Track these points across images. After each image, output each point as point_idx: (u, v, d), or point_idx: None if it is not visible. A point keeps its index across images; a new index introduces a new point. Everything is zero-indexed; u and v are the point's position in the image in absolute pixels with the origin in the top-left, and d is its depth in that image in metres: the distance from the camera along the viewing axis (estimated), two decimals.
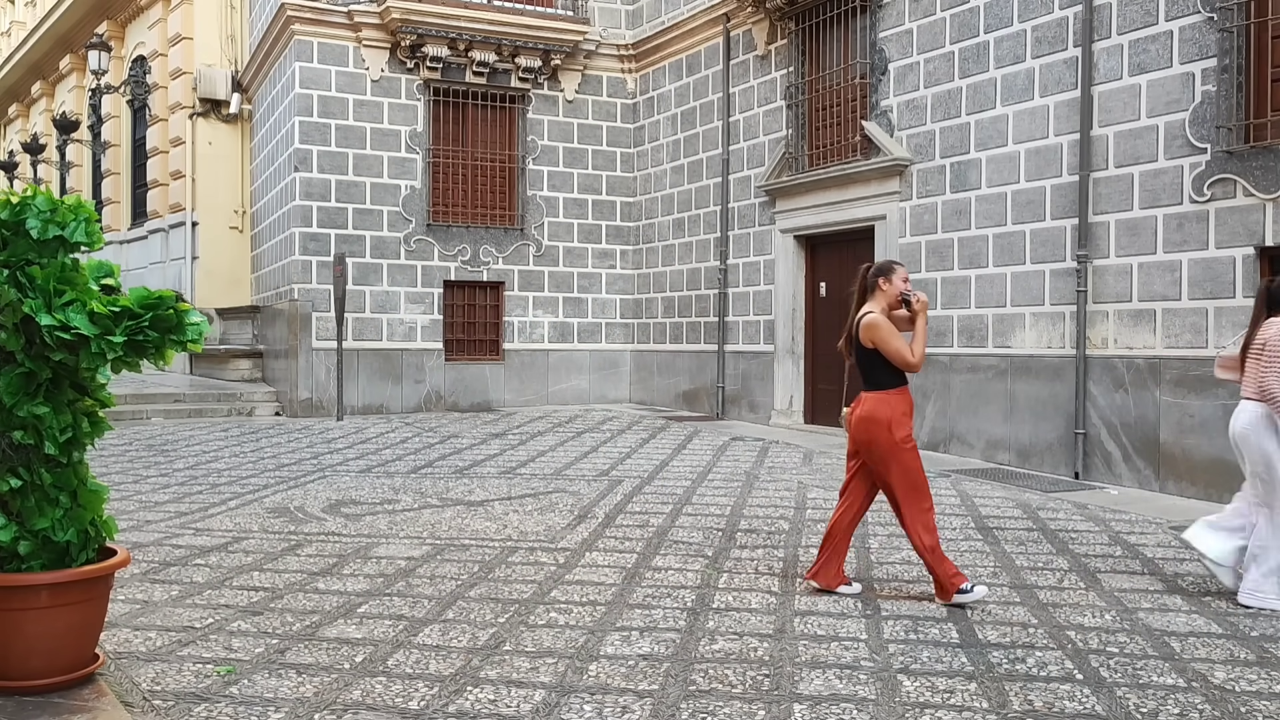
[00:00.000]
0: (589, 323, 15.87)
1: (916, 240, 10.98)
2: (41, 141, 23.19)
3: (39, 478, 3.80)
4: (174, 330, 3.81)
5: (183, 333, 3.83)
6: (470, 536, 6.81)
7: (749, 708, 3.80)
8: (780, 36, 12.96)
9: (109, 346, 3.67)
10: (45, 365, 3.77)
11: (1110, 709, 3.81)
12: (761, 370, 13.32)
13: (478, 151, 15.19)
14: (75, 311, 3.66)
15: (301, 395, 14.13)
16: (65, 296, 3.68)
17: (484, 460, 10.31)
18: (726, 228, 13.94)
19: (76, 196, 4.06)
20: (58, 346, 3.67)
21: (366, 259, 14.42)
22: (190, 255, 18.11)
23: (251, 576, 5.70)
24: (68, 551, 3.87)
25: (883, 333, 5.30)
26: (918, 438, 10.92)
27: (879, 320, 5.34)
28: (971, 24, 10.33)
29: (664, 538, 6.73)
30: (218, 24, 18.01)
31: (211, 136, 17.91)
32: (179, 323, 3.82)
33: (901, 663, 4.30)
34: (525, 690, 3.96)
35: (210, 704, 3.80)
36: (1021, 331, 9.83)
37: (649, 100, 15.77)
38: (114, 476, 9.15)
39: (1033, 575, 5.81)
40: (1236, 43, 8.06)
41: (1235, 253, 8.05)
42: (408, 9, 14.07)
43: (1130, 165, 8.81)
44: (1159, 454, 8.55)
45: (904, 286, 5.43)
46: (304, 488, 8.76)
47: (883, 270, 5.48)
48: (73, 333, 3.64)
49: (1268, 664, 4.32)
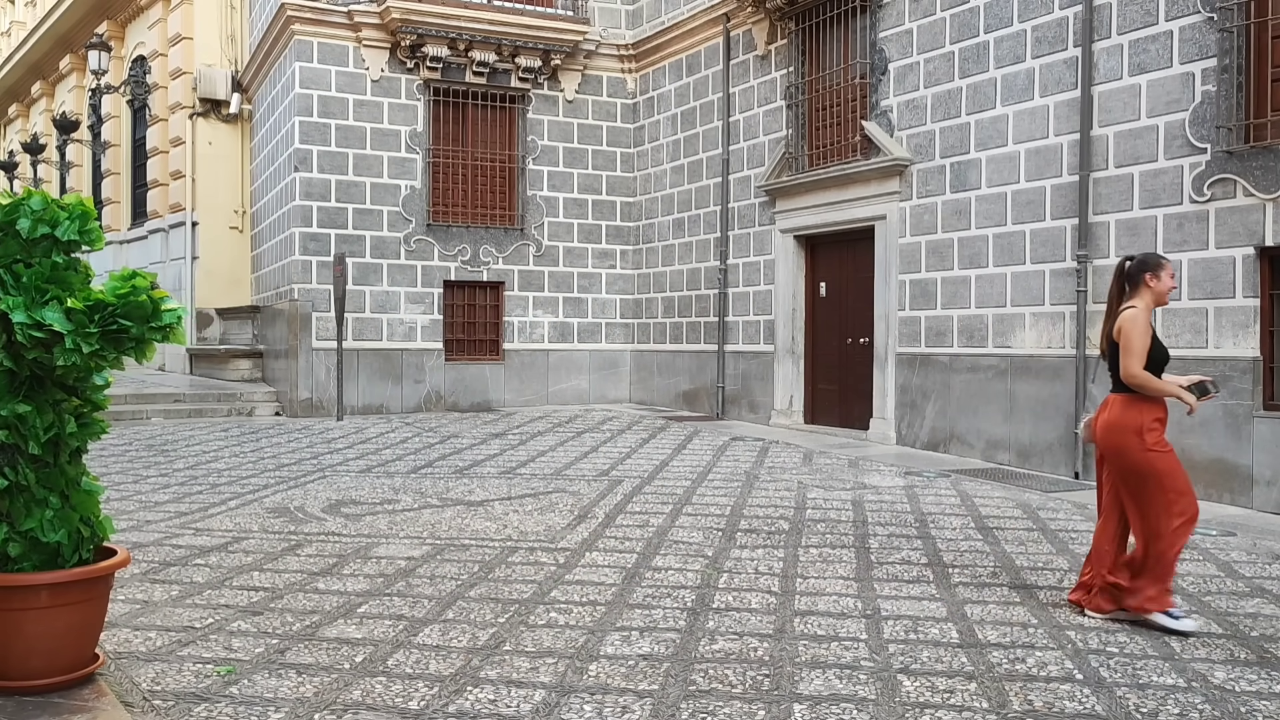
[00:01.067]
0: (589, 323, 15.87)
1: (916, 240, 10.98)
2: (41, 141, 23.18)
3: (24, 478, 3.77)
4: (151, 317, 3.68)
5: (159, 318, 3.70)
6: (470, 536, 6.81)
7: (749, 708, 3.80)
8: (780, 36, 12.96)
9: (84, 340, 3.58)
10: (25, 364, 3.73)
11: (1110, 709, 3.81)
12: (761, 370, 13.32)
13: (478, 151, 15.19)
14: (52, 309, 3.59)
15: (301, 395, 14.13)
16: (47, 294, 3.65)
17: (484, 460, 10.31)
18: (726, 228, 13.93)
19: (76, 195, 4.04)
20: (31, 345, 3.61)
21: (366, 259, 14.42)
22: (190, 255, 18.09)
23: (251, 576, 5.70)
24: (59, 553, 3.83)
25: (1134, 329, 4.85)
26: (917, 437, 11.05)
27: (1137, 316, 4.88)
28: (971, 24, 10.33)
29: (664, 538, 6.73)
30: (218, 24, 18.00)
31: (211, 136, 17.90)
32: (154, 309, 3.70)
33: (901, 663, 4.30)
34: (525, 690, 3.96)
35: (210, 704, 3.79)
36: (1021, 331, 9.83)
37: (649, 100, 15.77)
38: (114, 476, 9.15)
39: (1033, 575, 5.81)
40: (1236, 43, 8.05)
41: (1235, 253, 8.05)
42: (408, 9, 14.07)
43: (1130, 165, 8.81)
44: None
45: (1171, 283, 5.04)
46: (304, 488, 8.76)
47: (1149, 265, 5.02)
48: (46, 330, 3.57)
49: (1268, 664, 4.32)
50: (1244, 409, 7.96)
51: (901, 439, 11.17)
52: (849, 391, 12.18)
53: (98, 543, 4.00)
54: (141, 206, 20.47)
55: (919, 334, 10.97)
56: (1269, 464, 7.80)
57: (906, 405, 11.13)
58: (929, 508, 7.79)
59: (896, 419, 11.24)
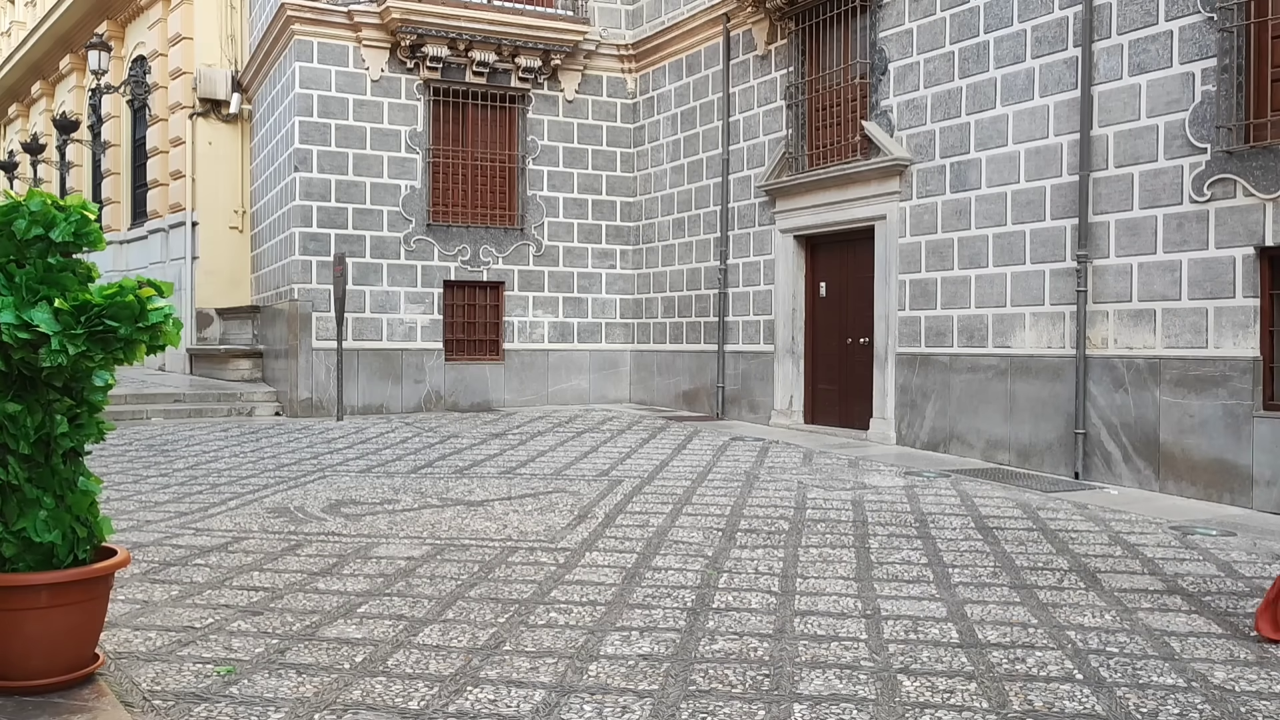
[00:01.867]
0: (589, 323, 15.87)
1: (916, 240, 10.98)
2: (41, 141, 23.18)
3: (15, 478, 3.75)
4: (138, 317, 3.64)
5: (146, 319, 3.66)
6: (470, 536, 6.81)
7: (749, 708, 3.80)
8: (780, 36, 12.96)
9: (70, 341, 3.55)
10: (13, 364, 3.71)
11: (1110, 709, 3.81)
12: (761, 370, 13.32)
13: (478, 151, 15.19)
14: (41, 309, 3.57)
15: (301, 395, 14.13)
16: (38, 295, 3.63)
17: (484, 460, 10.31)
18: (726, 228, 13.94)
19: (77, 196, 4.03)
20: (18, 346, 3.60)
21: (366, 259, 14.42)
22: (190, 255, 18.09)
23: (251, 576, 5.70)
24: (53, 553, 3.82)
25: None
26: (917, 437, 11.06)
27: None
28: (971, 24, 10.33)
29: (664, 538, 6.73)
30: (218, 24, 18.00)
31: (211, 136, 17.90)
32: (141, 309, 3.66)
33: (901, 663, 4.30)
34: (525, 690, 3.96)
35: (210, 704, 3.79)
36: (1021, 331, 9.83)
37: (649, 100, 15.77)
38: (114, 476, 9.15)
39: (1033, 575, 5.81)
40: (1236, 43, 8.06)
41: (1235, 253, 8.05)
42: (408, 9, 14.07)
43: (1130, 165, 8.81)
44: (1159, 454, 8.55)
45: None
46: (304, 488, 8.76)
47: None
48: (32, 331, 3.55)
49: (1268, 664, 4.32)
50: (1244, 409, 7.96)
51: (901, 439, 11.17)
52: (849, 391, 12.18)
53: (95, 543, 3.98)
54: (141, 206, 20.47)
55: (919, 334, 10.97)
56: (1269, 464, 7.80)
57: (906, 405, 11.13)
58: (929, 508, 7.80)
59: (896, 419, 11.24)
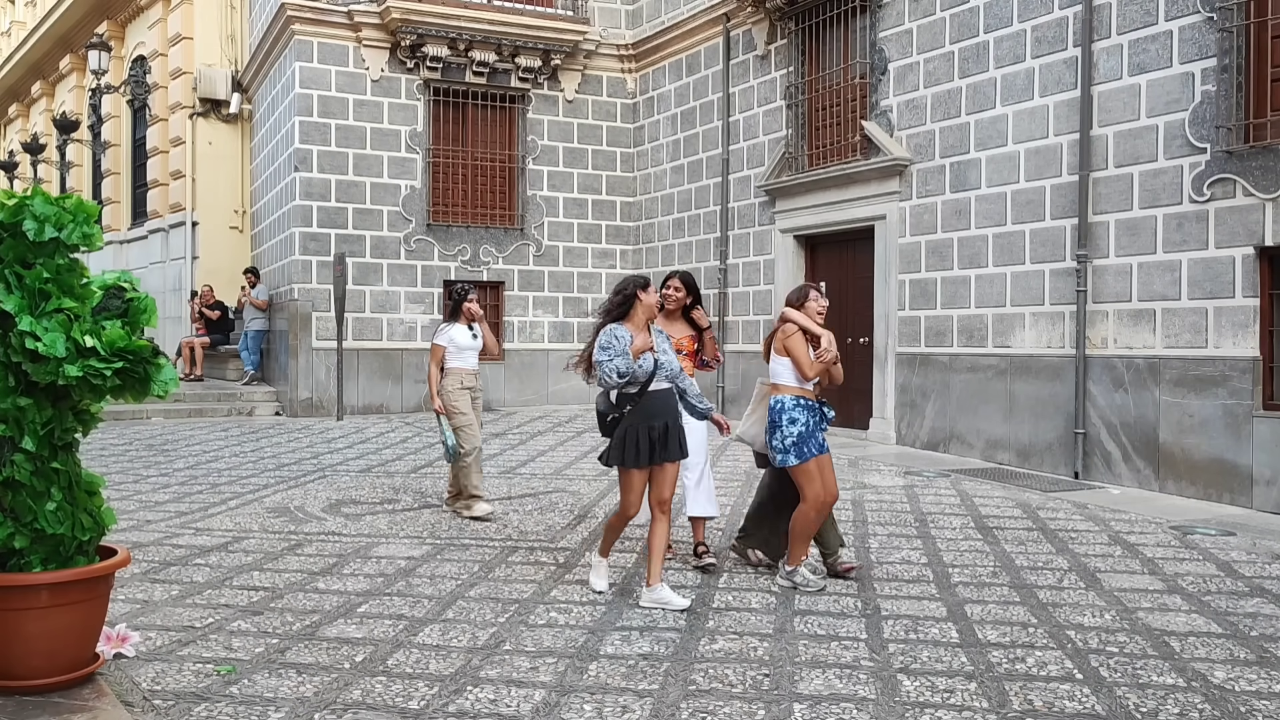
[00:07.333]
0: (589, 323, 15.85)
1: (916, 240, 10.98)
2: (41, 141, 23.17)
3: (19, 473, 3.76)
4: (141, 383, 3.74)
5: (148, 388, 3.75)
6: (470, 536, 6.81)
7: (749, 708, 3.80)
8: (780, 36, 12.96)
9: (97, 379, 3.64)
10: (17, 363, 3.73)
11: (1110, 709, 3.81)
12: (761, 370, 13.29)
13: (478, 151, 15.19)
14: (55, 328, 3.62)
15: (301, 395, 14.13)
16: (51, 303, 3.65)
17: (484, 460, 10.29)
18: (726, 227, 13.94)
19: (78, 196, 4.03)
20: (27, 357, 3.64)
21: (366, 259, 14.42)
22: (190, 255, 18.09)
23: (251, 576, 5.70)
24: (62, 544, 3.83)
25: None
26: (917, 437, 11.04)
27: None
28: (971, 24, 10.33)
29: None
30: (218, 24, 17.99)
31: (211, 136, 17.89)
32: (146, 379, 3.75)
33: (901, 663, 4.30)
34: (525, 690, 3.96)
35: (210, 704, 3.80)
36: (1021, 331, 9.83)
37: (649, 100, 15.76)
38: (114, 476, 9.14)
39: (1033, 575, 5.81)
40: (1236, 43, 8.05)
41: (1235, 252, 8.04)
42: (408, 9, 14.06)
43: (1130, 165, 8.81)
44: (1159, 454, 8.55)
45: None
46: (304, 487, 8.76)
47: None
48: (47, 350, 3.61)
49: (1268, 664, 4.32)
50: (1244, 409, 7.96)
51: (901, 439, 11.17)
52: (849, 391, 12.15)
53: (100, 532, 3.99)
54: (141, 206, 20.46)
55: (919, 334, 10.97)
56: (1269, 464, 7.80)
57: (906, 405, 11.13)
58: (929, 507, 7.80)
59: (896, 419, 11.24)
